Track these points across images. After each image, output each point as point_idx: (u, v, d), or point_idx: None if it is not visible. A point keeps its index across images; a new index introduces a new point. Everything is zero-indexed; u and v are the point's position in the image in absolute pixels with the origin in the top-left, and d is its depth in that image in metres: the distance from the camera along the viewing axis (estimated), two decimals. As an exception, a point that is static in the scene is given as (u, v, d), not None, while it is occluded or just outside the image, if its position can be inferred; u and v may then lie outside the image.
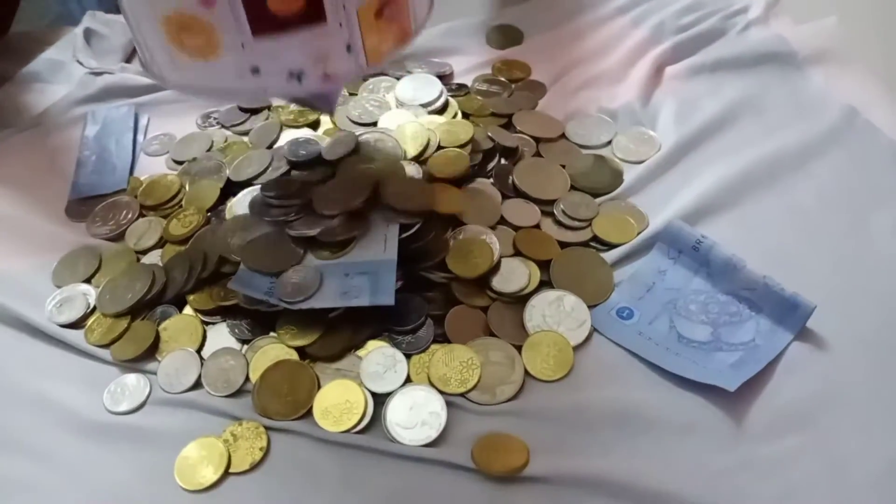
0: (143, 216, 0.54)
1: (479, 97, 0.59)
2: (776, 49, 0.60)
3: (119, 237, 0.53)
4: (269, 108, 0.61)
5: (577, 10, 0.68)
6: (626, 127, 0.56)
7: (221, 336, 0.46)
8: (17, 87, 0.66)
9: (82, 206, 0.56)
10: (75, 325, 0.47)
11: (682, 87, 0.59)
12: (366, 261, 0.44)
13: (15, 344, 0.47)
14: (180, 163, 0.58)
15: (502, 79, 0.61)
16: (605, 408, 0.41)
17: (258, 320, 0.46)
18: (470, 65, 0.64)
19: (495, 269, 0.46)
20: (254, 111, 0.61)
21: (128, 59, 0.69)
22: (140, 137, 0.61)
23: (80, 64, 0.66)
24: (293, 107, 0.60)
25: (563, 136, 0.56)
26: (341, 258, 0.45)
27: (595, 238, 0.48)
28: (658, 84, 0.60)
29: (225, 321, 0.46)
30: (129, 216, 0.54)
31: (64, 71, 0.67)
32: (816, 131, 0.54)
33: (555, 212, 0.49)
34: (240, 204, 0.51)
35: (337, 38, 0.36)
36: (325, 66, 0.37)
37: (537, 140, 0.55)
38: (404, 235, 0.46)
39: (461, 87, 0.61)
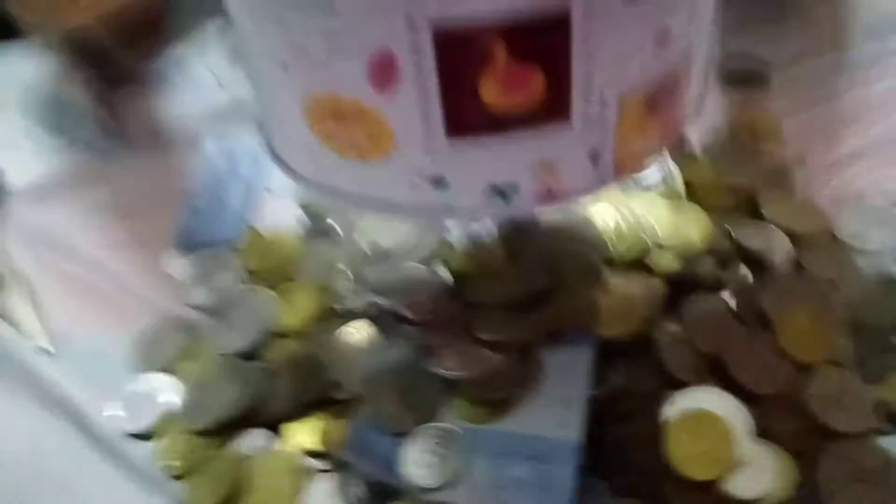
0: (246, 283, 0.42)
1: (706, 161, 0.43)
2: None
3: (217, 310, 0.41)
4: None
5: (850, 41, 0.49)
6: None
7: (327, 494, 0.33)
8: (141, 91, 0.56)
9: (186, 257, 0.45)
10: (147, 435, 0.37)
11: None
12: (534, 435, 0.30)
13: (70, 447, 0.36)
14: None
15: (743, 136, 0.44)
16: None
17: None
18: (692, 107, 0.47)
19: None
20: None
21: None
22: (264, 172, 0.50)
23: (211, 69, 0.56)
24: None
25: (830, 233, 0.39)
26: (499, 424, 0.31)
27: (887, 412, 0.32)
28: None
29: (335, 470, 0.34)
30: (230, 282, 0.42)
31: (192, 74, 0.56)
32: None
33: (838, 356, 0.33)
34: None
35: (579, 141, 0.23)
36: (551, 178, 0.23)
37: (793, 237, 0.38)
38: (599, 394, 0.31)
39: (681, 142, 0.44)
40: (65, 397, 0.38)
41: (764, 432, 0.31)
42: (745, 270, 0.37)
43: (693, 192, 0.41)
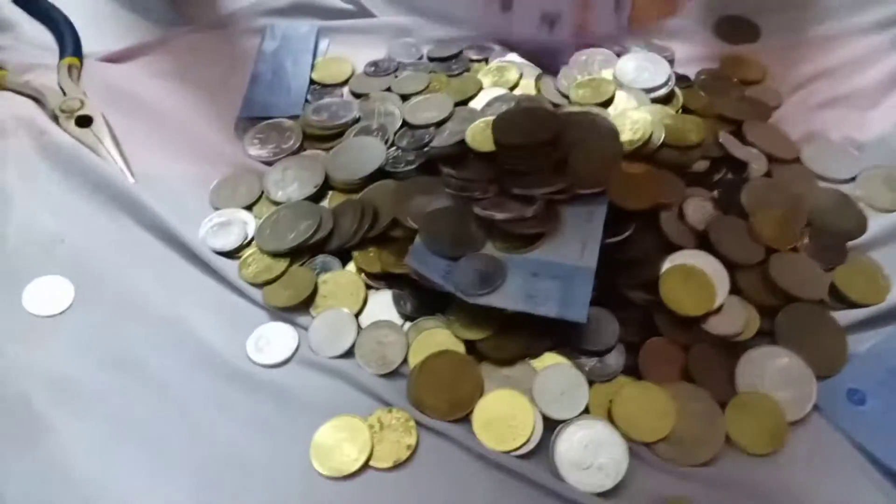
0: (304, 148, 0.50)
1: (703, 93, 0.51)
2: None
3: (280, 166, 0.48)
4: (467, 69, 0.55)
5: (824, 13, 0.58)
6: (875, 165, 0.48)
7: (383, 305, 0.41)
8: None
9: (251, 124, 0.51)
10: (229, 254, 0.44)
11: (948, 132, 0.50)
12: (559, 263, 0.38)
13: (161, 259, 0.43)
14: (358, 96, 0.54)
15: (733, 78, 0.53)
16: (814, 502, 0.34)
17: (426, 297, 0.40)
18: (693, 54, 0.56)
19: (714, 311, 0.39)
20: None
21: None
22: (318, 61, 0.57)
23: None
24: (494, 64, 0.53)
25: (797, 159, 0.48)
26: (531, 254, 0.39)
27: (832, 291, 0.41)
28: (919, 122, 0.51)
29: (390, 289, 0.41)
30: (292, 143, 0.49)
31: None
32: None
33: (798, 246, 0.42)
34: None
35: None
36: (585, 16, 0.31)
37: (770, 158, 0.47)
38: (611, 241, 0.39)
39: (683, 78, 0.53)
40: (158, 221, 0.44)
41: (737, 290, 0.40)
42: (729, 174, 0.46)
43: (690, 115, 0.49)
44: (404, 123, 0.49)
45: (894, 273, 0.42)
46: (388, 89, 0.53)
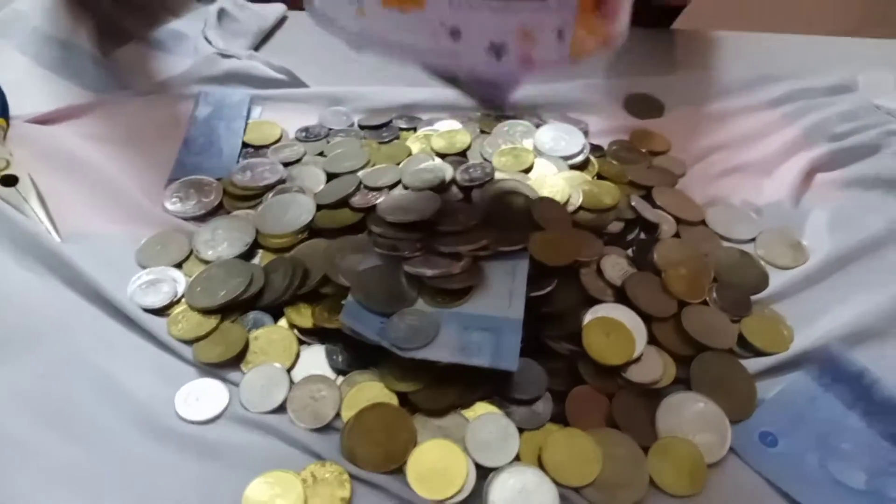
0: (223, 205, 0.50)
1: (615, 162, 0.55)
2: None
3: (200, 219, 0.49)
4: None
5: (723, 92, 0.64)
6: (771, 226, 0.52)
7: (315, 360, 0.41)
8: (140, 50, 0.63)
9: (182, 185, 0.52)
10: (158, 311, 0.43)
11: (834, 197, 0.54)
12: (488, 315, 0.40)
13: (89, 318, 0.43)
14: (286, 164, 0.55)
15: (641, 149, 0.57)
16: (735, 540, 0.36)
17: (359, 351, 0.41)
18: (605, 127, 0.60)
19: (634, 360, 0.41)
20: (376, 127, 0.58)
21: (256, 48, 0.66)
22: (248, 123, 0.58)
23: (208, 42, 0.63)
24: (422, 132, 0.56)
25: (703, 221, 0.52)
26: (461, 308, 0.40)
27: (740, 341, 0.44)
28: (808, 188, 0.56)
29: (322, 344, 0.42)
30: (213, 198, 0.50)
31: (186, 45, 0.64)
32: None
33: (707, 299, 0.45)
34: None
35: (552, 18, 0.33)
36: (531, 46, 0.33)
37: (678, 220, 0.51)
38: (535, 295, 0.41)
39: (596, 148, 0.57)
40: (85, 279, 0.43)
41: (654, 340, 0.42)
42: (642, 234, 0.49)
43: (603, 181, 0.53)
44: (328, 176, 0.51)
45: (796, 324, 0.45)
46: (321, 154, 0.54)
